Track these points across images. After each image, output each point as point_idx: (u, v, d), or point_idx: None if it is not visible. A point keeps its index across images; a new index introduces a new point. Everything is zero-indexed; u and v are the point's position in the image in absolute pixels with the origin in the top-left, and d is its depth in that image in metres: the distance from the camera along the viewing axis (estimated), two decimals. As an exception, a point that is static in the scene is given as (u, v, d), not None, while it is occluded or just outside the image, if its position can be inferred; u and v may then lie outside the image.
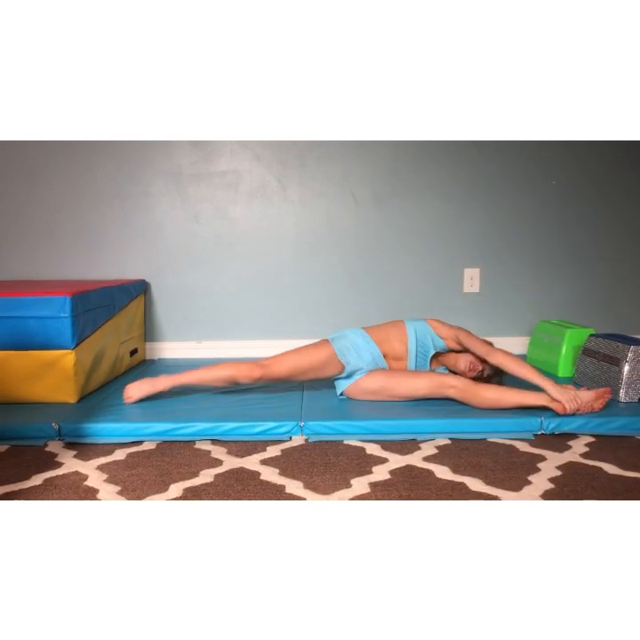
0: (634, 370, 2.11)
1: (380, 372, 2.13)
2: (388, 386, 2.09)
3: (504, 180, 2.99)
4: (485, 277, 3.03)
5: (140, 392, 2.10)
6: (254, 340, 3.01)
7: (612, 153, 2.99)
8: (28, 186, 2.92)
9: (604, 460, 1.70)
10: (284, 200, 2.97)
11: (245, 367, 2.08)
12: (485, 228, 3.01)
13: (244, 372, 2.07)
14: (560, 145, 2.97)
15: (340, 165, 2.95)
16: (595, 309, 3.07)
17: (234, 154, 2.94)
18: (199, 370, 2.12)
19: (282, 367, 2.09)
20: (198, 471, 1.63)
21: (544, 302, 3.06)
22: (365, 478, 1.58)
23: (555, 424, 1.90)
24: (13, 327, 2.10)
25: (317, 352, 2.12)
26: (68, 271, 2.95)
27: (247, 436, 1.88)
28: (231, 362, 2.12)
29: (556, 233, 3.03)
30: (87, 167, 2.91)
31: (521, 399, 1.97)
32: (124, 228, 2.95)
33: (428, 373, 2.11)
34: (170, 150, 2.92)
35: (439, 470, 1.63)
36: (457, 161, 2.96)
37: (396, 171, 2.96)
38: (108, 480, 1.58)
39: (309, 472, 1.62)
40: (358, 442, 1.86)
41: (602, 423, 1.91)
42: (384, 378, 2.10)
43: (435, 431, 1.90)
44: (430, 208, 2.98)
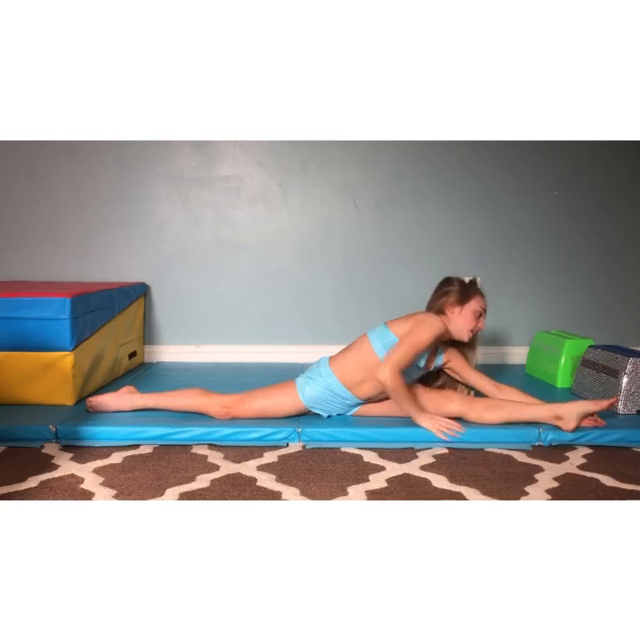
0: (632, 382, 2.11)
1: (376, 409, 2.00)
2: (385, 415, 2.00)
3: (505, 191, 2.99)
4: (485, 286, 3.03)
5: (105, 408, 2.01)
6: (254, 344, 3.01)
7: (612, 165, 3.00)
8: (30, 187, 2.92)
9: (602, 472, 1.69)
10: (285, 206, 2.98)
11: (209, 405, 1.95)
12: (486, 237, 3.01)
13: (207, 410, 1.95)
14: (561, 156, 2.98)
15: (342, 172, 2.96)
16: (594, 320, 3.07)
17: (236, 159, 2.94)
18: (166, 395, 2.02)
19: (247, 409, 1.94)
20: (195, 476, 1.63)
21: (543, 312, 3.06)
22: (362, 486, 1.57)
23: (553, 435, 1.89)
24: (12, 328, 2.10)
25: (286, 397, 1.96)
26: (68, 273, 2.96)
27: (244, 441, 1.88)
28: (198, 392, 1.99)
29: (557, 243, 3.04)
30: (90, 170, 2.91)
31: (524, 416, 1.92)
32: (125, 230, 2.96)
33: (426, 398, 1.97)
34: (172, 154, 2.93)
35: (436, 479, 1.63)
36: (458, 171, 2.97)
37: (397, 178, 2.96)
38: (104, 483, 1.57)
39: (306, 479, 1.62)
40: (355, 449, 1.85)
41: (599, 435, 1.90)
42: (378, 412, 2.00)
43: (432, 440, 1.90)
44: (431, 216, 2.99)
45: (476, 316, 1.96)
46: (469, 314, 1.95)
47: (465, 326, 1.96)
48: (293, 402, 1.96)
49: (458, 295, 1.97)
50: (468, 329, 1.97)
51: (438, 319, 1.93)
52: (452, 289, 1.99)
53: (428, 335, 1.88)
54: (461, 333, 1.98)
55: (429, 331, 1.88)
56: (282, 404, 1.96)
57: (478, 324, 1.97)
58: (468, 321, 1.96)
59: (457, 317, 1.96)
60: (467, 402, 1.96)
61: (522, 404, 1.96)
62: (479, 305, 1.97)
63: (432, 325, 1.90)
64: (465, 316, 1.96)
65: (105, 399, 2.02)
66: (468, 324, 1.96)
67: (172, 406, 2.00)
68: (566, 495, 1.54)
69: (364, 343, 1.95)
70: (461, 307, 1.96)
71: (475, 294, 1.98)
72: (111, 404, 2.01)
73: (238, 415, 1.95)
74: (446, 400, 1.96)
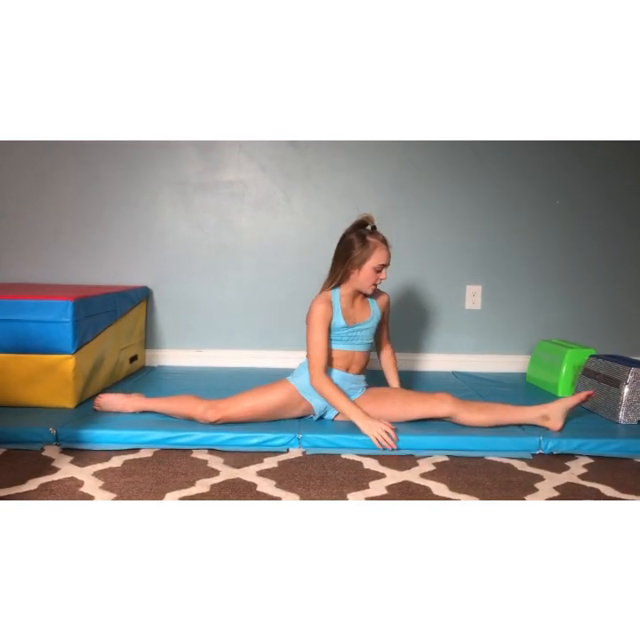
0: (634, 392, 2.11)
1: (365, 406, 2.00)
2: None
3: (507, 200, 3.00)
4: (487, 294, 3.04)
5: (109, 407, 2.07)
6: (255, 349, 3.01)
7: (614, 175, 3.01)
8: (34, 190, 2.93)
9: (602, 482, 1.69)
10: (288, 211, 2.98)
11: (200, 409, 1.95)
12: (488, 246, 3.02)
13: (198, 413, 1.95)
14: (563, 167, 2.99)
15: (345, 179, 2.97)
16: (595, 330, 3.07)
17: (240, 164, 2.95)
18: (163, 400, 2.05)
19: (238, 409, 1.95)
20: (194, 480, 1.63)
21: (545, 321, 3.06)
22: (362, 493, 1.57)
23: (553, 444, 1.89)
24: (14, 330, 2.10)
25: (276, 391, 1.99)
26: (71, 276, 2.96)
27: (244, 446, 1.88)
28: (192, 397, 2.01)
29: (559, 253, 3.04)
30: (94, 174, 2.93)
31: (513, 418, 2.00)
32: (128, 234, 2.97)
33: (417, 399, 2.01)
34: (176, 159, 2.94)
35: (436, 487, 1.62)
36: (460, 180, 2.98)
37: (400, 186, 2.97)
38: (104, 487, 1.57)
39: (306, 485, 1.62)
40: (356, 456, 1.85)
41: (600, 444, 1.90)
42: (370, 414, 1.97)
43: (433, 447, 1.90)
44: (433, 224, 2.99)
45: (375, 271, 2.00)
46: (369, 271, 1.99)
47: (366, 283, 2.01)
48: (285, 394, 1.99)
49: (356, 260, 1.98)
50: (369, 284, 2.02)
51: (317, 302, 2.00)
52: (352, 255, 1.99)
53: (314, 326, 1.98)
54: (364, 289, 2.03)
55: (313, 320, 1.98)
56: (271, 397, 1.98)
57: (379, 276, 2.01)
58: (368, 278, 2.00)
59: (358, 277, 2.01)
60: (458, 404, 1.99)
61: (510, 407, 2.02)
62: (377, 262, 1.99)
63: (313, 314, 1.99)
64: (365, 274, 2.00)
65: (113, 398, 2.07)
66: (369, 280, 2.01)
67: (167, 410, 2.03)
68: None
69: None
70: (359, 268, 1.99)
71: (371, 251, 1.98)
72: (117, 403, 2.06)
73: (229, 416, 1.94)
74: (437, 401, 1.99)
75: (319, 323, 1.98)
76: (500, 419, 2.00)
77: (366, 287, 2.02)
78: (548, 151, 2.97)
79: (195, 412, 1.96)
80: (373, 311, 2.10)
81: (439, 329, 3.05)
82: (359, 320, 2.07)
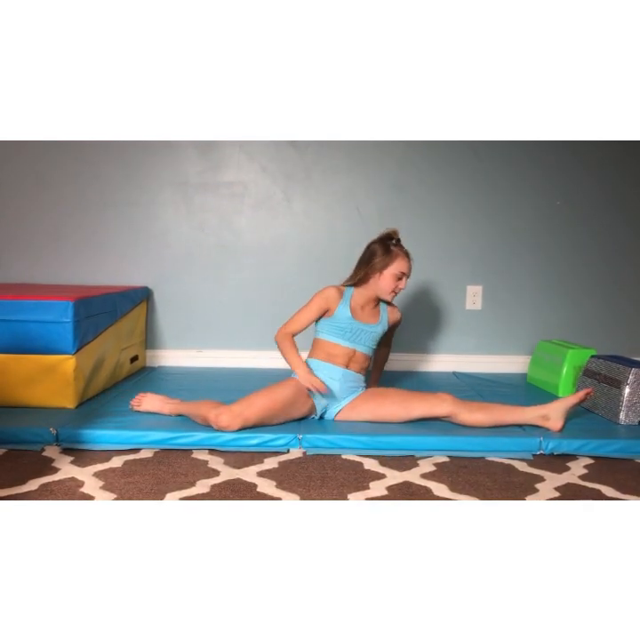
0: (634, 392, 2.11)
1: (364, 405, 2.05)
2: (376, 419, 2.04)
3: (508, 200, 3.00)
4: (488, 295, 3.04)
5: (150, 406, 2.06)
6: (255, 350, 3.01)
7: (614, 176, 3.01)
8: (34, 190, 2.93)
9: (603, 483, 1.69)
10: (288, 212, 2.98)
11: (213, 413, 1.88)
12: (489, 246, 3.02)
13: (211, 417, 1.88)
14: (563, 166, 2.99)
15: (346, 180, 2.97)
16: (596, 330, 3.07)
17: (240, 165, 2.95)
18: (191, 404, 2.01)
19: (254, 410, 1.90)
20: (195, 481, 1.63)
21: (546, 321, 3.06)
22: (362, 494, 1.57)
23: (554, 444, 1.89)
24: (15, 330, 2.10)
25: (286, 387, 1.98)
26: (71, 276, 2.96)
27: (245, 447, 1.88)
28: (208, 402, 1.97)
29: (559, 253, 3.04)
30: (95, 174, 2.93)
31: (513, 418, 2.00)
32: (128, 234, 2.97)
33: (418, 399, 2.02)
34: (177, 160, 2.94)
35: (437, 488, 1.62)
36: (461, 180, 2.98)
37: (400, 187, 2.97)
38: (104, 487, 1.57)
39: (306, 485, 1.62)
40: (356, 456, 1.85)
41: (601, 445, 1.90)
42: (370, 413, 2.04)
43: (433, 448, 1.89)
44: (434, 225, 2.99)
45: (395, 278, 2.07)
46: (389, 277, 2.07)
47: (385, 289, 2.08)
48: (293, 390, 1.98)
49: (378, 264, 2.07)
50: (389, 291, 2.08)
51: (329, 286, 2.11)
52: (374, 260, 2.07)
53: (312, 301, 2.09)
54: (383, 295, 2.10)
55: (316, 297, 2.09)
56: (283, 393, 1.96)
57: (399, 284, 2.09)
58: (388, 284, 2.07)
59: (378, 282, 2.08)
60: (458, 404, 1.99)
61: (510, 407, 2.03)
62: (398, 269, 2.07)
63: (318, 293, 2.10)
64: (385, 280, 2.07)
65: (155, 398, 2.07)
66: (388, 286, 2.08)
67: (191, 414, 1.99)
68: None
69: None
70: (380, 273, 2.07)
71: (394, 259, 2.07)
72: (157, 404, 2.06)
73: (246, 418, 1.88)
74: (438, 400, 2.00)
75: (318, 300, 2.07)
76: (500, 419, 2.00)
77: (385, 293, 2.08)
78: (549, 152, 2.97)
79: (208, 416, 1.89)
80: (382, 319, 2.14)
81: (440, 329, 3.05)
82: (365, 321, 2.10)
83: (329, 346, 2.08)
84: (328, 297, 2.07)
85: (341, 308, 2.06)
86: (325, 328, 2.09)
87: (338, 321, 2.06)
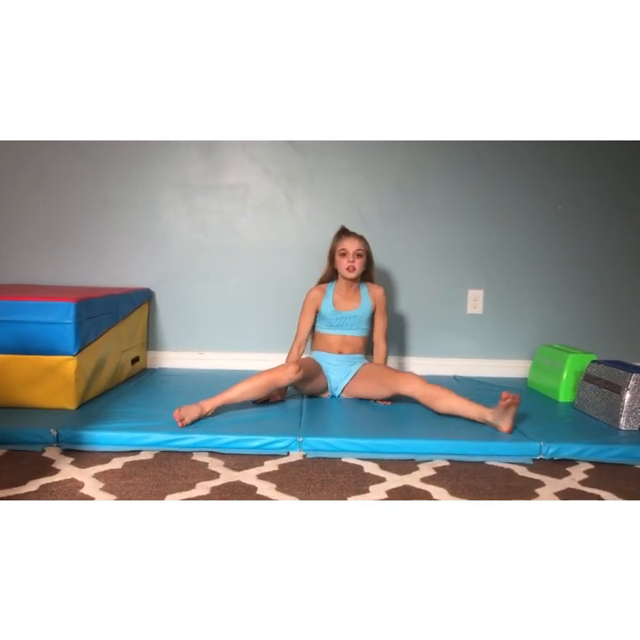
0: (635, 398, 2.11)
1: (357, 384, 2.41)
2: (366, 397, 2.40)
3: (509, 204, 3.00)
4: (489, 299, 3.04)
5: (191, 415, 2.00)
6: (257, 352, 3.01)
7: (617, 179, 3.01)
8: (35, 191, 2.94)
9: (603, 489, 1.69)
10: (291, 214, 2.99)
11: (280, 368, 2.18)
12: (490, 251, 3.02)
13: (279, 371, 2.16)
14: (565, 169, 2.99)
15: (348, 182, 2.97)
16: (597, 335, 3.07)
17: (243, 167, 2.96)
18: (232, 389, 2.12)
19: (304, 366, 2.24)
20: (195, 483, 1.63)
21: (546, 326, 3.06)
22: (362, 497, 1.57)
23: (554, 449, 1.89)
24: (16, 331, 2.11)
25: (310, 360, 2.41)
26: (73, 277, 2.96)
27: (245, 449, 1.88)
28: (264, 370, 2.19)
29: (561, 257, 3.04)
30: (96, 175, 2.93)
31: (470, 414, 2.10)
32: (130, 236, 2.97)
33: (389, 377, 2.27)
34: (179, 161, 2.94)
35: (436, 492, 1.62)
36: (462, 183, 2.98)
37: (402, 189, 2.97)
38: (104, 489, 1.57)
39: (306, 488, 1.62)
40: (356, 460, 1.85)
41: (601, 450, 1.90)
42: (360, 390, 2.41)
43: (433, 452, 1.90)
44: (436, 228, 3.00)
45: (340, 255, 2.42)
46: (339, 257, 2.43)
47: (341, 269, 2.42)
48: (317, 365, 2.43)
49: (331, 252, 2.49)
50: (344, 269, 2.41)
51: (312, 288, 2.52)
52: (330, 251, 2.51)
53: (303, 307, 2.51)
54: (344, 274, 2.42)
55: (304, 302, 2.51)
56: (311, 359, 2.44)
57: (348, 259, 2.39)
58: (340, 262, 2.43)
59: (338, 267, 2.45)
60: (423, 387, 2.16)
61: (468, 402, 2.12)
62: (340, 247, 2.42)
63: (305, 298, 2.51)
64: (338, 261, 2.44)
65: (190, 409, 2.01)
66: (342, 265, 2.42)
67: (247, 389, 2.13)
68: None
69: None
70: (335, 257, 2.47)
71: (337, 241, 2.46)
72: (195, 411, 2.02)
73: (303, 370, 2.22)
74: (405, 379, 2.21)
75: (307, 304, 2.49)
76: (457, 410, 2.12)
77: (344, 272, 2.41)
78: (551, 156, 2.97)
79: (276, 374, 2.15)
80: (363, 302, 2.47)
81: (441, 333, 3.05)
82: (348, 309, 2.46)
83: (323, 336, 2.49)
84: (314, 298, 2.48)
85: (325, 303, 2.46)
86: (318, 323, 2.50)
87: (324, 315, 2.45)
